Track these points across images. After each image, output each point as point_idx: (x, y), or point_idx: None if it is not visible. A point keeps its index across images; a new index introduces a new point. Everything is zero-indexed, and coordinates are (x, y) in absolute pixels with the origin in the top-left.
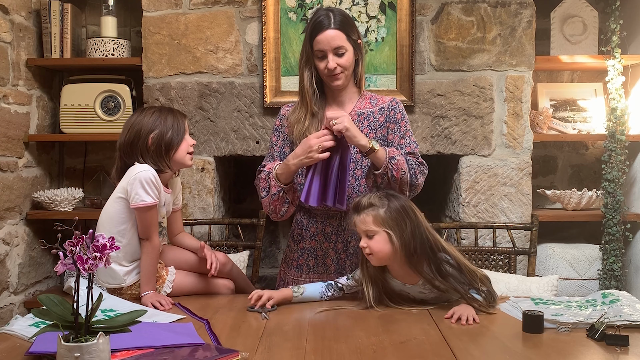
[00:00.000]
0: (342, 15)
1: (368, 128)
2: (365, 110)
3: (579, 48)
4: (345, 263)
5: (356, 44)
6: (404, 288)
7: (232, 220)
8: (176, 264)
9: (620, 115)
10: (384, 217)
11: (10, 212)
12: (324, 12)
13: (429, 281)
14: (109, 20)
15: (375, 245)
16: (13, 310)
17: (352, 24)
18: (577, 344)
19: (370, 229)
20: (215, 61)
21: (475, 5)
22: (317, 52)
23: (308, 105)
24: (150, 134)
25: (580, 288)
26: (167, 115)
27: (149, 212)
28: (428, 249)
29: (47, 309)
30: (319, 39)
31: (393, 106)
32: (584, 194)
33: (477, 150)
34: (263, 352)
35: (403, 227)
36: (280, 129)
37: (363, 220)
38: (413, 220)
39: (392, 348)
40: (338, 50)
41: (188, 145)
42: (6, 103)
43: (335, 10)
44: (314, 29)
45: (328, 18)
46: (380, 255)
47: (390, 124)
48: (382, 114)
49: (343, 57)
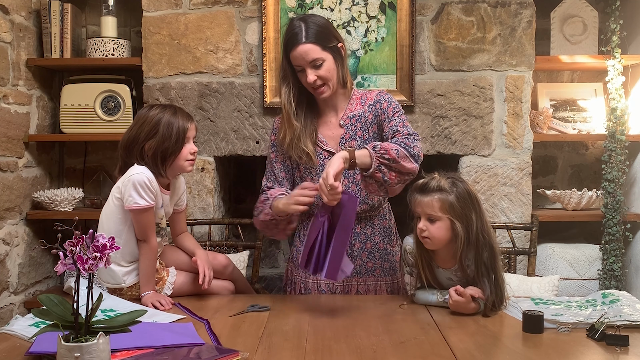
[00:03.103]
0: (316, 24)
1: (361, 130)
2: (356, 111)
3: (579, 48)
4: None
5: (335, 50)
6: (436, 270)
7: (232, 220)
8: (177, 265)
9: (620, 115)
10: (452, 204)
11: (10, 212)
12: (297, 24)
13: (464, 272)
14: (109, 20)
15: (435, 231)
16: (13, 310)
17: (328, 31)
18: (577, 344)
19: (435, 214)
20: (215, 61)
21: (475, 5)
22: (295, 66)
23: (288, 123)
24: (147, 142)
25: (580, 288)
26: (171, 120)
27: (144, 214)
28: (482, 243)
29: (47, 309)
30: (293, 55)
31: (378, 99)
32: (584, 194)
33: (477, 150)
34: (263, 352)
35: (469, 216)
36: (276, 144)
37: (429, 204)
38: (477, 211)
39: (392, 348)
40: (315, 63)
41: (188, 152)
42: (6, 103)
43: (309, 20)
44: (287, 44)
45: (300, 31)
46: (437, 241)
47: (379, 116)
48: (370, 112)
49: (322, 68)
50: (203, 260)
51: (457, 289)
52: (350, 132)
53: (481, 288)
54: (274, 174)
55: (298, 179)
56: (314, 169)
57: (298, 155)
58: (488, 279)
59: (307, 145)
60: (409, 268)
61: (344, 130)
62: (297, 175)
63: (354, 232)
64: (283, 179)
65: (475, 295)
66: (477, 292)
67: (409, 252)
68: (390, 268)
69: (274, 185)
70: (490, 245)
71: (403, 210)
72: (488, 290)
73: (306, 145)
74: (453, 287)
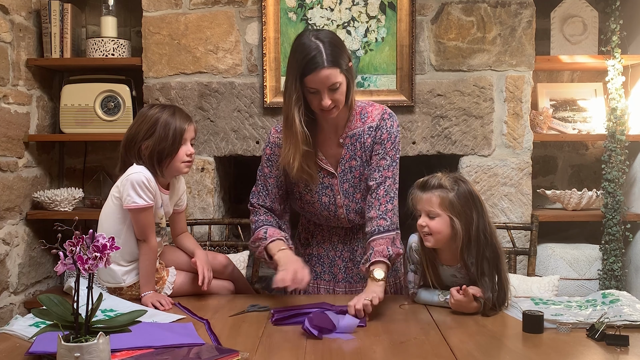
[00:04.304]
0: (332, 44)
1: (361, 151)
2: (356, 130)
3: (579, 48)
4: (352, 272)
5: (349, 71)
6: (440, 268)
7: (232, 220)
8: (177, 265)
9: (620, 115)
10: (452, 201)
11: (10, 212)
12: (314, 45)
13: (468, 269)
14: (109, 20)
15: (435, 226)
16: (13, 310)
17: (343, 49)
18: (577, 344)
19: (433, 210)
20: (215, 61)
21: (475, 5)
22: (310, 88)
23: (298, 147)
24: (144, 142)
25: (580, 288)
26: (168, 121)
27: (143, 214)
28: (483, 242)
29: (47, 309)
30: (312, 79)
31: (380, 125)
32: (584, 194)
33: (477, 150)
34: (263, 352)
35: (469, 215)
36: (272, 158)
37: (428, 200)
38: (479, 211)
39: (392, 348)
40: (333, 87)
41: (184, 154)
42: (6, 103)
43: (324, 38)
44: (306, 68)
45: (320, 54)
46: (438, 237)
47: (375, 144)
48: (369, 135)
49: (337, 90)
50: (202, 262)
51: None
52: (350, 152)
53: (482, 287)
54: (266, 190)
55: (297, 194)
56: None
57: (300, 176)
58: (489, 279)
59: (310, 167)
60: (413, 266)
61: (344, 150)
62: (296, 190)
63: (356, 237)
64: (275, 197)
65: (477, 294)
66: (478, 292)
67: (414, 249)
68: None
69: (265, 202)
70: (492, 245)
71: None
72: (488, 289)
73: (310, 167)
74: (455, 287)
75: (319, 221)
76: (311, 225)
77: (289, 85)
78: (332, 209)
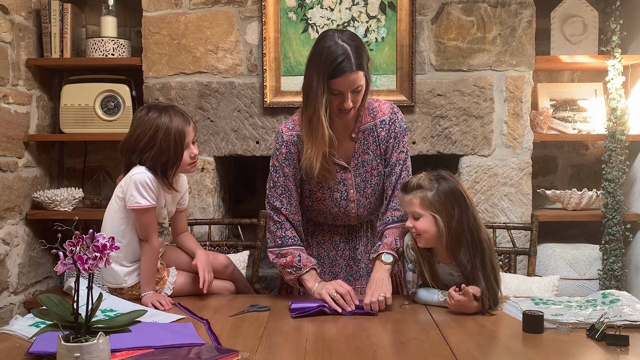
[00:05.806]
0: (358, 47)
1: (374, 144)
2: (367, 124)
3: (579, 48)
4: (353, 269)
5: (368, 72)
6: (437, 266)
7: (232, 220)
8: (177, 265)
9: (620, 115)
10: (431, 200)
11: (10, 212)
12: (342, 47)
13: (461, 266)
14: (109, 20)
15: (420, 226)
16: (13, 310)
17: (366, 52)
18: (577, 344)
19: (416, 211)
20: (215, 61)
21: (475, 5)
22: (333, 90)
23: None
24: (145, 154)
25: (580, 288)
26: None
27: (146, 214)
28: (469, 237)
29: (47, 309)
30: (339, 82)
31: (393, 119)
32: (584, 194)
33: (477, 150)
34: (263, 352)
35: (450, 212)
36: (289, 157)
37: (410, 202)
38: (462, 206)
39: (392, 348)
40: (357, 89)
41: (189, 157)
42: (6, 103)
43: (350, 42)
44: (335, 71)
45: (348, 58)
46: (426, 236)
47: (390, 138)
48: (382, 128)
49: (359, 92)
50: (203, 263)
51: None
52: (363, 146)
53: (478, 284)
54: (289, 191)
55: (307, 192)
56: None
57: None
58: (483, 275)
59: (329, 164)
60: (411, 264)
61: (357, 144)
62: (307, 188)
63: (357, 236)
64: (295, 198)
65: (477, 294)
66: (478, 291)
67: (411, 247)
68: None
69: (290, 207)
70: (480, 241)
71: None
72: (483, 286)
73: (329, 165)
74: (452, 287)
75: (324, 220)
76: (311, 225)
77: (315, 87)
78: (344, 204)
